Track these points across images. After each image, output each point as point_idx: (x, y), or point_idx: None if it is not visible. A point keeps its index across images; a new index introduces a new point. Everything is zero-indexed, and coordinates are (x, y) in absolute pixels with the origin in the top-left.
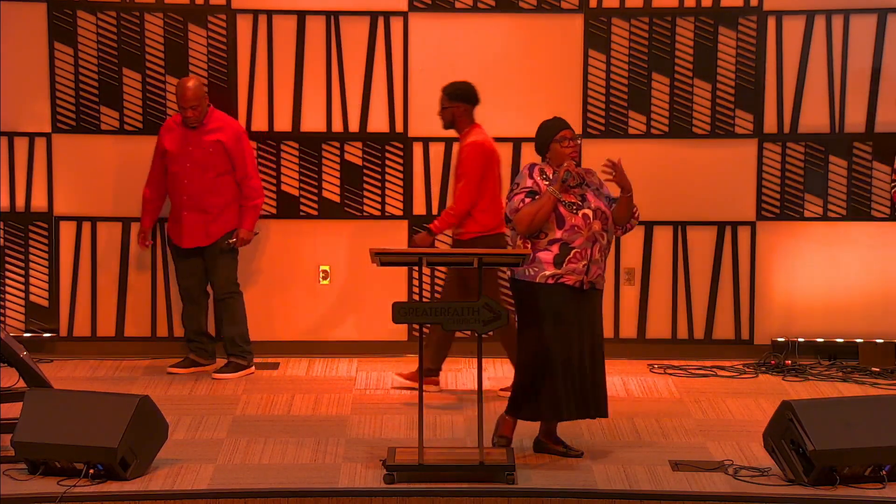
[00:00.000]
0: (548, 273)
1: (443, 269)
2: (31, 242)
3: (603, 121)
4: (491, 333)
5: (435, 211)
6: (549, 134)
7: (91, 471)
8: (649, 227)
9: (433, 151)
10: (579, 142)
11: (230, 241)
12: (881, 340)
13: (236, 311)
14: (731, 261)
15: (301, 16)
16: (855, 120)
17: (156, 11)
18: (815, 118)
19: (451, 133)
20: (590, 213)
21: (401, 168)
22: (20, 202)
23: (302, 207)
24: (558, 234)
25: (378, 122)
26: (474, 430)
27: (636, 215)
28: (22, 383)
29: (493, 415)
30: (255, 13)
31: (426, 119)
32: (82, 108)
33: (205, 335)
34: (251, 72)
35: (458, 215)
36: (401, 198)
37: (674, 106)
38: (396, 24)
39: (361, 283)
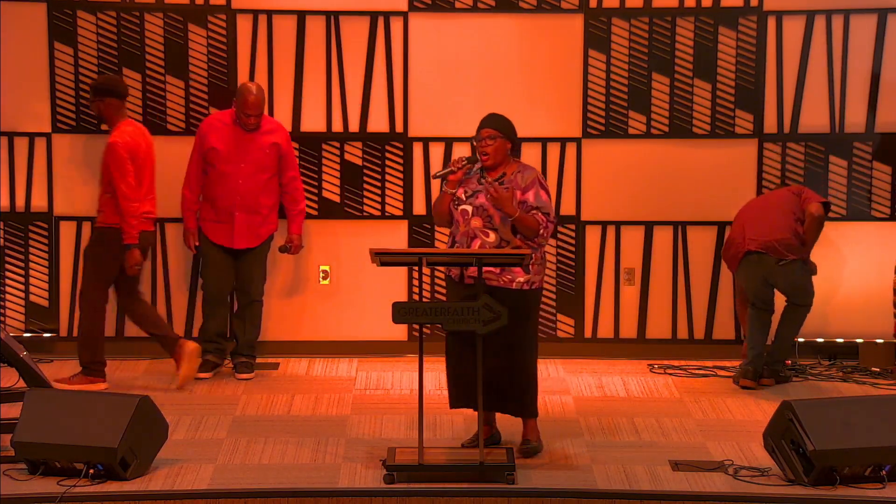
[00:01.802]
0: None
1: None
2: (31, 242)
3: (603, 121)
4: None
5: None
6: (476, 130)
7: (91, 471)
8: (649, 227)
9: (433, 151)
10: (494, 142)
11: (286, 245)
12: (881, 340)
13: (260, 316)
14: None
15: (301, 16)
16: (855, 120)
17: (156, 11)
18: (815, 118)
19: (451, 133)
20: (469, 209)
21: (401, 168)
22: (20, 202)
23: None
24: (451, 228)
25: (378, 122)
26: (474, 430)
27: (543, 234)
28: (22, 383)
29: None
30: (255, 13)
31: (426, 119)
32: (82, 108)
33: (224, 336)
34: (251, 72)
35: (132, 213)
36: (401, 198)
37: (674, 106)
38: (396, 24)
39: (361, 283)
